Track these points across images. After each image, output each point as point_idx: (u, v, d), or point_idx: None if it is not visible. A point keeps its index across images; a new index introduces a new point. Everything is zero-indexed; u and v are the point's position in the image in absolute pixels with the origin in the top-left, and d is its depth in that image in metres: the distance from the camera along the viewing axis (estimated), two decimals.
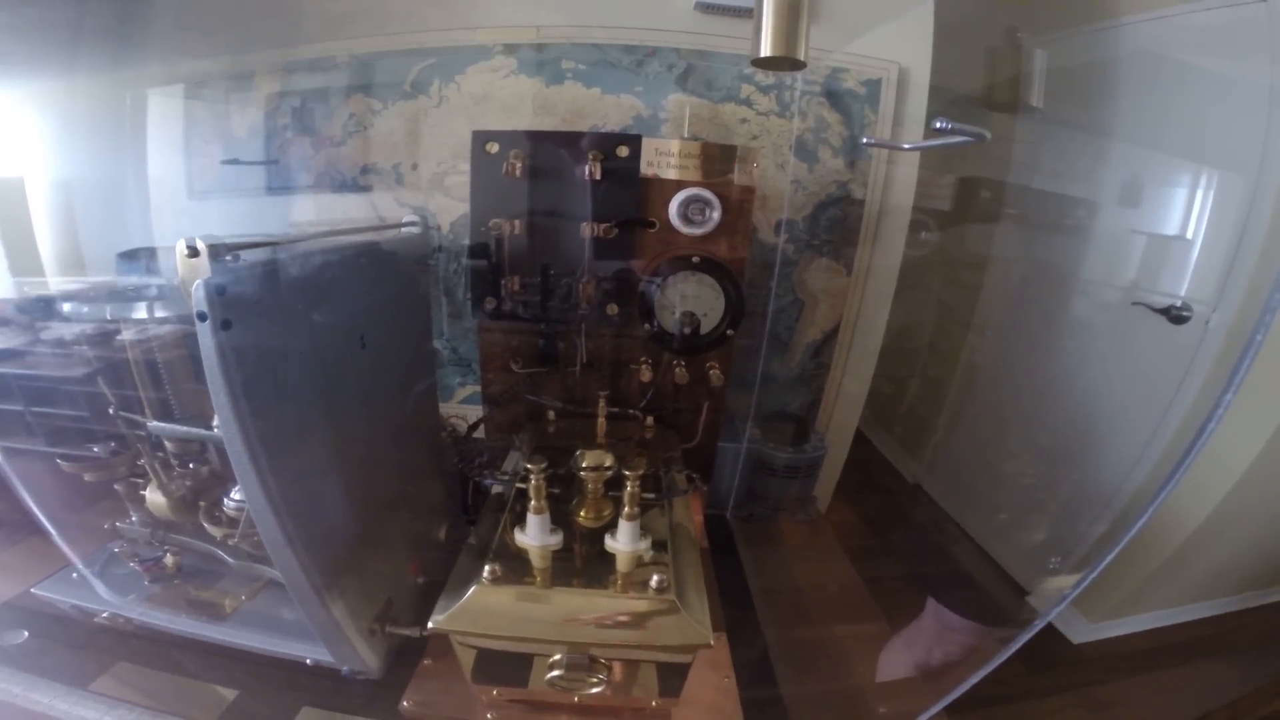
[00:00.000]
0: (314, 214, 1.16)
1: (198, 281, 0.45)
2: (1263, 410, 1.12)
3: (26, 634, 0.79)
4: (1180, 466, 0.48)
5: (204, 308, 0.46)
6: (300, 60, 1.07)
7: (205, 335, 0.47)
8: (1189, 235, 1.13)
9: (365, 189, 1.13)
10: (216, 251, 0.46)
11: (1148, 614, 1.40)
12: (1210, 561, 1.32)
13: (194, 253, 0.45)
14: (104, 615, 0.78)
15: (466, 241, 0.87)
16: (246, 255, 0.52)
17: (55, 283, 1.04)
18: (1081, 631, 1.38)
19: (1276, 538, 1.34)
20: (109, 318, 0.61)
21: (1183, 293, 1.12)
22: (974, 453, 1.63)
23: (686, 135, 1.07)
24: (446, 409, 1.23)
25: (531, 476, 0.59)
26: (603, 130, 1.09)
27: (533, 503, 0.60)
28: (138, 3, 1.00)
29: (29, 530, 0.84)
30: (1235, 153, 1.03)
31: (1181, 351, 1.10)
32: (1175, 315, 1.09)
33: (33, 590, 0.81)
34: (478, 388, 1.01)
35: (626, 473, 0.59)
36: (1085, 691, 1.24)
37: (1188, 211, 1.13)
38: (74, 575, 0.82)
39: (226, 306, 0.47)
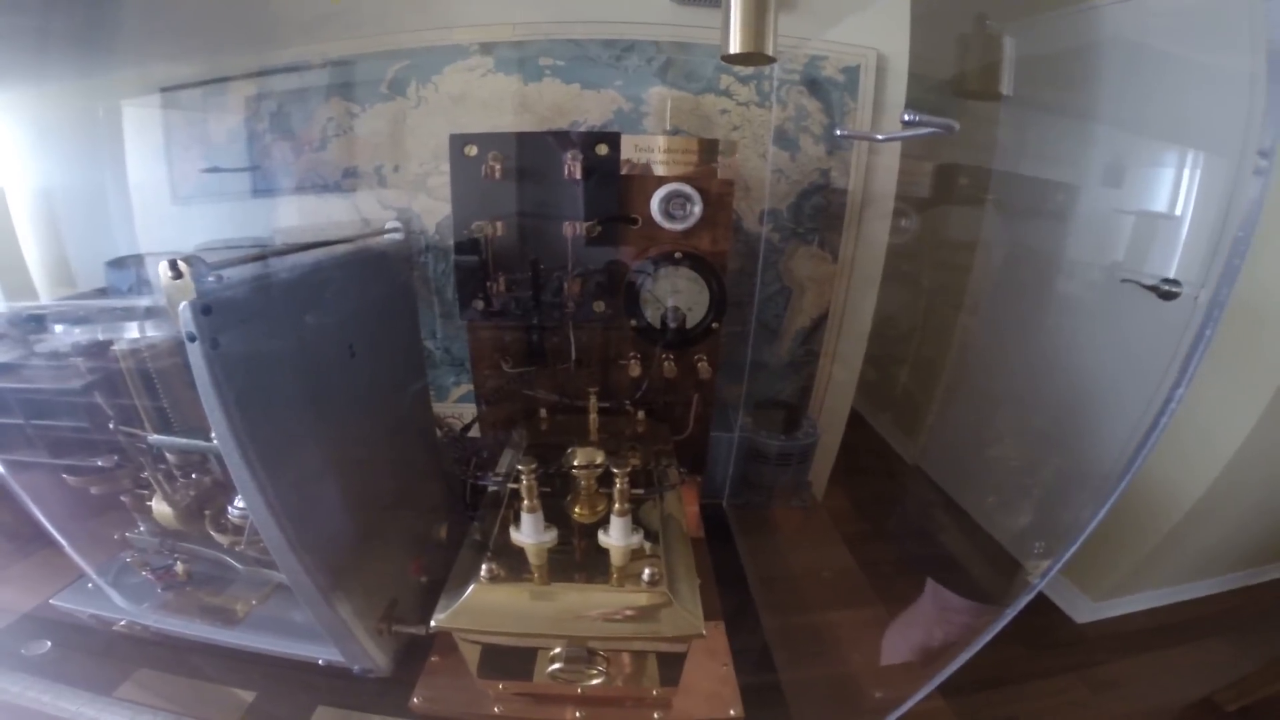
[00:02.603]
0: (297, 218, 1.16)
1: (183, 303, 0.46)
2: (1252, 389, 1.13)
3: (49, 644, 0.82)
4: (1141, 450, 0.48)
5: (192, 328, 0.47)
6: (276, 64, 1.07)
7: (195, 355, 0.48)
8: (1177, 214, 1.13)
9: (348, 192, 1.13)
10: (199, 271, 0.47)
11: (1148, 593, 1.41)
12: (1207, 540, 1.33)
13: (177, 273, 0.46)
14: (122, 623, 0.81)
15: (451, 243, 0.88)
16: (232, 270, 0.53)
17: (46, 297, 1.04)
18: (1084, 611, 1.40)
19: (1271, 515, 1.35)
20: (102, 338, 0.63)
21: (1172, 271, 1.12)
22: (971, 433, 1.64)
23: (668, 128, 1.06)
24: (441, 408, 1.25)
25: (523, 477, 0.60)
26: (583, 126, 1.08)
27: (525, 502, 0.61)
28: (106, 8, 0.99)
29: (40, 543, 0.87)
30: (1218, 135, 1.02)
31: (1172, 329, 1.11)
32: (1164, 292, 1.10)
33: (52, 601, 0.83)
34: (471, 387, 1.03)
35: (615, 470, 0.61)
36: (1088, 671, 1.25)
37: (1174, 193, 1.13)
38: (89, 585, 0.85)
39: (214, 325, 0.48)
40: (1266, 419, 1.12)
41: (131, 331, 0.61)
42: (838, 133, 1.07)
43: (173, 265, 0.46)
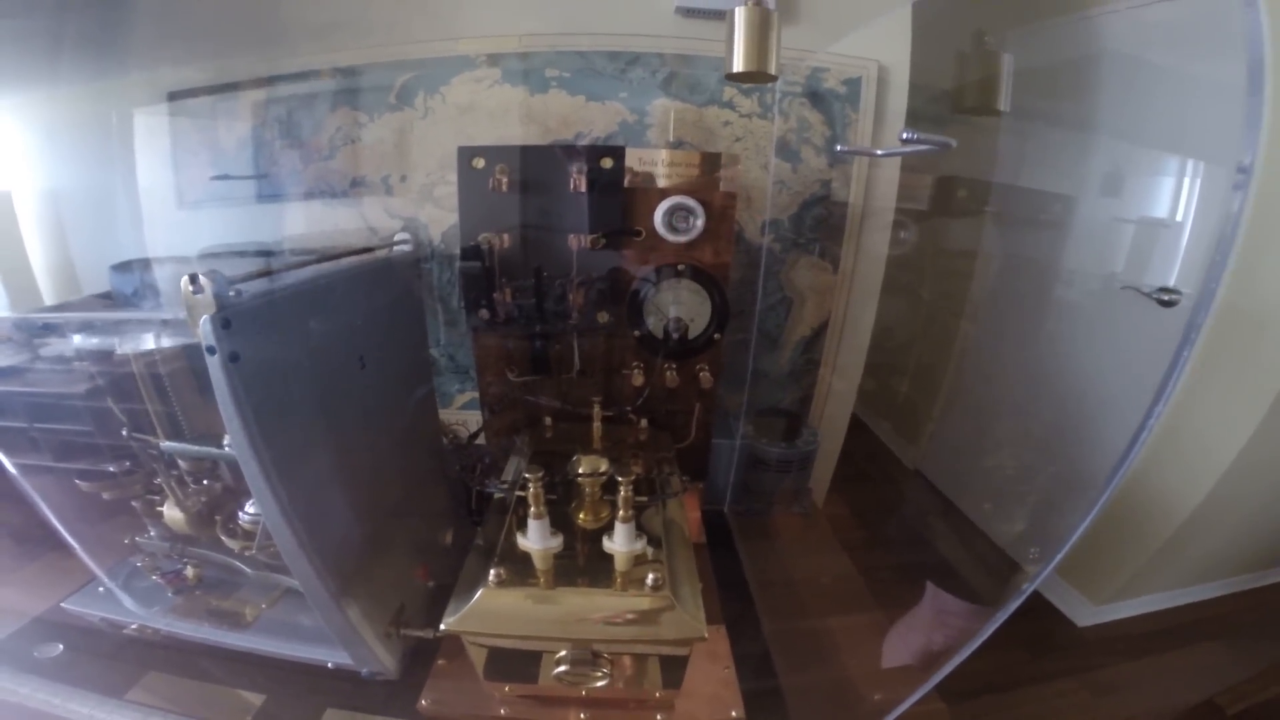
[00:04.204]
0: (305, 226, 1.17)
1: (204, 317, 0.48)
2: (1251, 396, 1.13)
3: (61, 647, 0.83)
4: (1129, 452, 0.49)
5: (212, 342, 0.48)
6: (285, 73, 1.08)
7: (215, 367, 0.49)
8: (1177, 221, 1.14)
9: (355, 201, 1.15)
10: (220, 285, 0.49)
11: (1149, 596, 1.42)
12: (1208, 545, 1.34)
13: (198, 287, 0.48)
14: (132, 627, 0.82)
15: (456, 252, 0.89)
16: (248, 283, 0.54)
17: (50, 300, 1.05)
18: (1085, 615, 1.40)
19: (1272, 521, 1.35)
20: (118, 349, 0.64)
21: (1172, 279, 1.13)
22: (972, 439, 1.65)
23: (671, 139, 1.08)
24: (447, 415, 1.26)
25: (530, 485, 0.62)
26: (588, 139, 1.10)
27: (532, 509, 0.62)
28: (119, 12, 1.00)
29: (50, 546, 0.88)
30: (1218, 144, 1.03)
31: (1171, 337, 1.12)
32: (1164, 300, 1.11)
33: (63, 605, 0.85)
34: (476, 394, 1.04)
35: (619, 478, 0.62)
36: (1090, 675, 1.26)
37: (1174, 202, 1.14)
38: (100, 589, 0.86)
39: (233, 339, 0.49)
40: (1266, 426, 1.13)
41: (147, 343, 0.63)
42: (838, 149, 1.09)
43: (194, 279, 0.47)
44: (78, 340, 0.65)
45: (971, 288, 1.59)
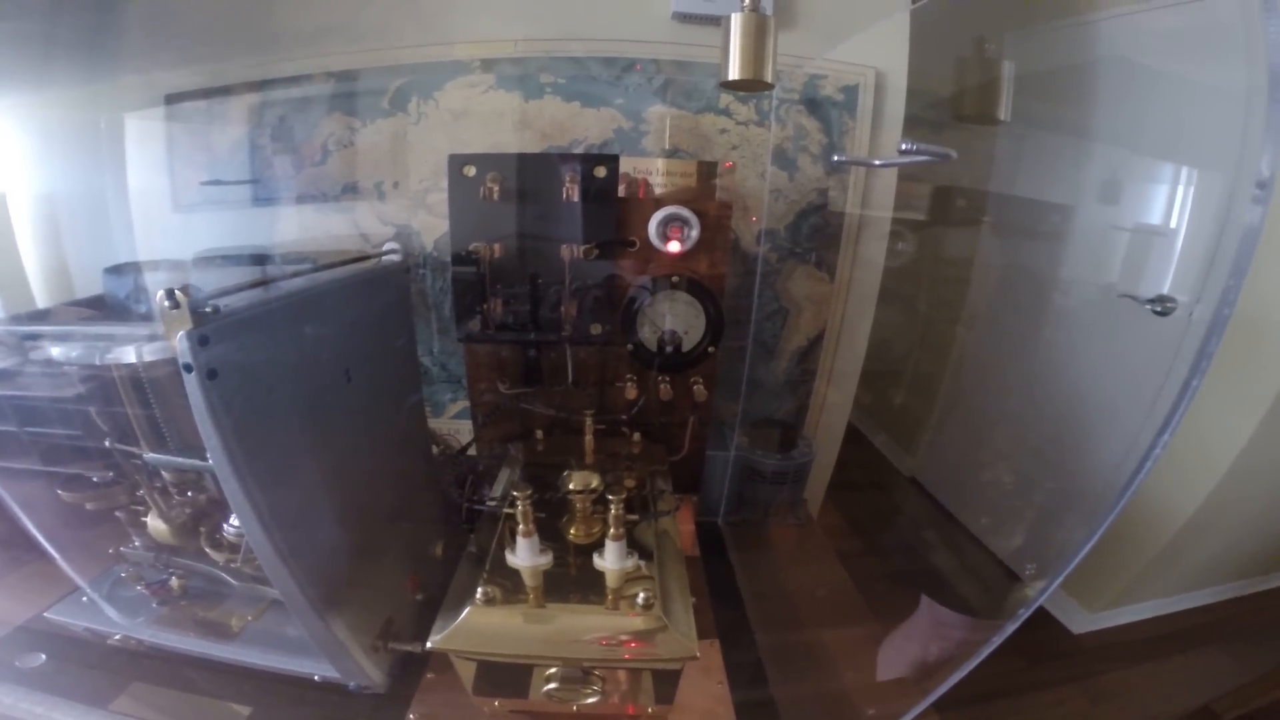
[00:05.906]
0: (297, 232, 1.16)
1: (180, 334, 0.46)
2: (1249, 402, 1.13)
3: (44, 657, 0.82)
4: (1135, 477, 0.48)
5: (189, 359, 0.47)
6: (278, 78, 1.07)
7: (192, 385, 0.48)
8: (1171, 228, 1.14)
9: (348, 207, 1.14)
10: (197, 301, 0.48)
11: (1146, 603, 1.42)
12: (1204, 551, 1.34)
13: (175, 303, 0.47)
14: (116, 637, 0.81)
15: (449, 260, 0.88)
16: (228, 297, 0.53)
17: (44, 303, 1.04)
18: (1081, 622, 1.40)
19: (1269, 526, 1.35)
20: (99, 363, 0.63)
21: (1166, 287, 1.13)
22: (970, 448, 1.64)
23: (667, 147, 1.07)
24: (439, 424, 1.25)
25: (519, 503, 0.61)
26: (583, 145, 1.09)
27: (521, 527, 0.61)
28: (113, 16, 1.00)
29: (35, 554, 0.86)
30: (1212, 152, 1.03)
31: (1167, 345, 1.11)
32: (1160, 311, 1.10)
33: (46, 614, 0.83)
34: (468, 404, 1.03)
35: (610, 496, 0.61)
36: (1087, 682, 1.26)
37: (1169, 210, 1.14)
38: (84, 599, 0.85)
39: (211, 355, 0.48)
40: (1263, 431, 1.13)
41: (129, 355, 0.62)
42: (834, 159, 1.08)
43: (170, 295, 0.46)
44: (56, 352, 0.64)
45: (969, 297, 1.59)
